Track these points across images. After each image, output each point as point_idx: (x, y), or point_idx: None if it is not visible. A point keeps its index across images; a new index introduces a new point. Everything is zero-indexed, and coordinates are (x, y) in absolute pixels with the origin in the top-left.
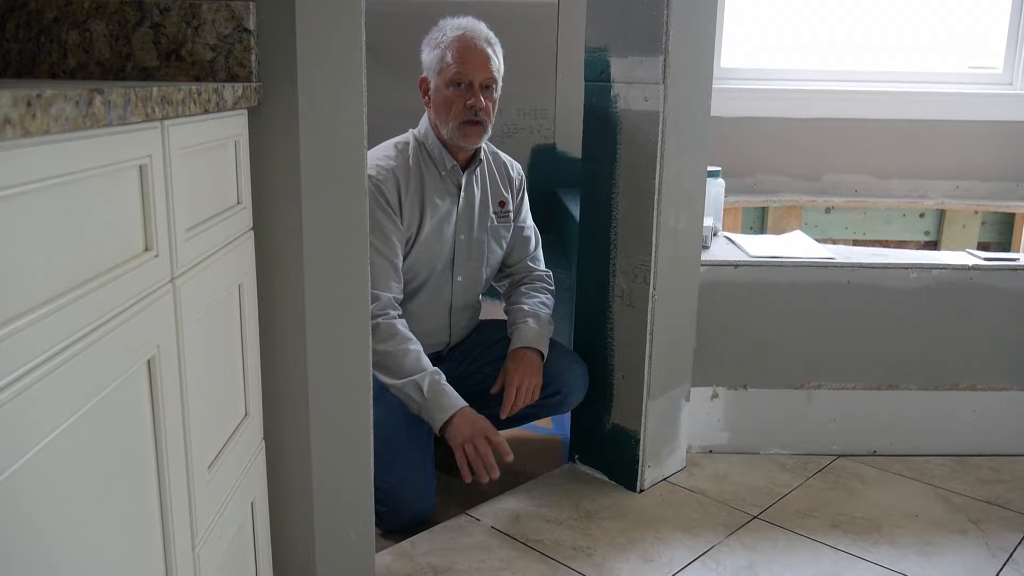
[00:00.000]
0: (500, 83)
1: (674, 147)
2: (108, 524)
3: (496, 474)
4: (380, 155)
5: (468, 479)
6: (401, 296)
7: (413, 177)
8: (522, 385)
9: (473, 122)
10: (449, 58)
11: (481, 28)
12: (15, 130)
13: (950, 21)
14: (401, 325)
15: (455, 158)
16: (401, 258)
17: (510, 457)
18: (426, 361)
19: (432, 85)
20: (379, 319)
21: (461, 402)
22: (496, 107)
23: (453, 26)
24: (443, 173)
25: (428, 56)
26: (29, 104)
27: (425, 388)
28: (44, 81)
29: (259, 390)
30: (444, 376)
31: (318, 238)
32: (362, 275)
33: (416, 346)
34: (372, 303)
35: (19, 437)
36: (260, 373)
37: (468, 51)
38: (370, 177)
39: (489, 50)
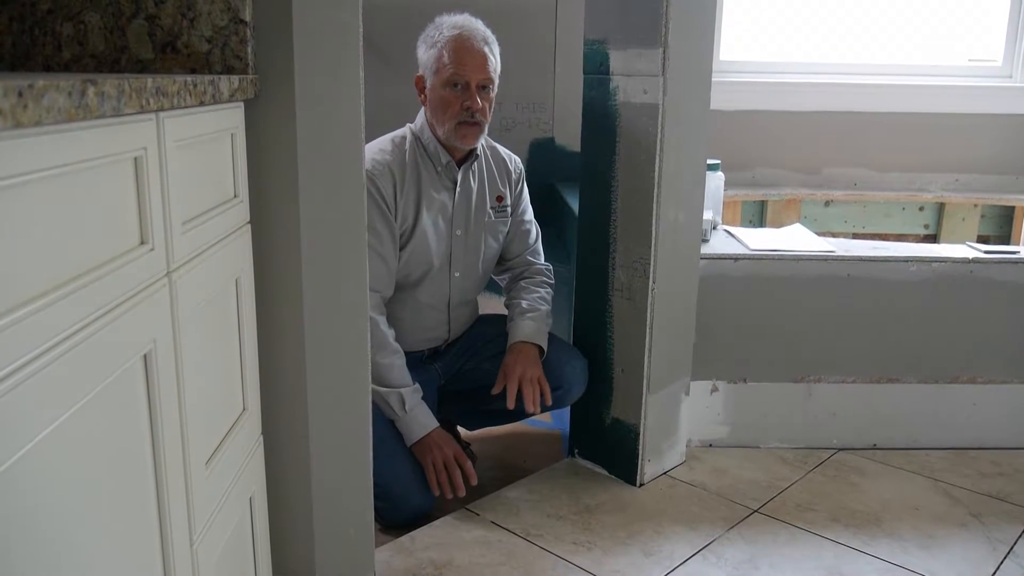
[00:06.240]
0: (497, 82)
1: (673, 140)
2: (105, 519)
3: (462, 493)
4: (376, 149)
5: (437, 492)
6: (391, 293)
7: (409, 172)
8: (524, 375)
9: (469, 123)
10: (446, 58)
11: (478, 27)
12: (6, 121)
13: (950, 14)
14: (390, 335)
15: (451, 154)
16: (395, 255)
17: (474, 481)
18: (408, 375)
19: (428, 84)
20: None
21: (435, 422)
22: (493, 106)
23: (450, 24)
24: (439, 169)
25: (424, 55)
26: (20, 94)
27: (407, 403)
28: (37, 73)
29: (257, 385)
30: (422, 392)
31: (316, 231)
32: (360, 268)
33: (401, 359)
34: None
35: (16, 431)
36: (258, 368)
37: (465, 51)
38: (365, 171)
39: (486, 49)
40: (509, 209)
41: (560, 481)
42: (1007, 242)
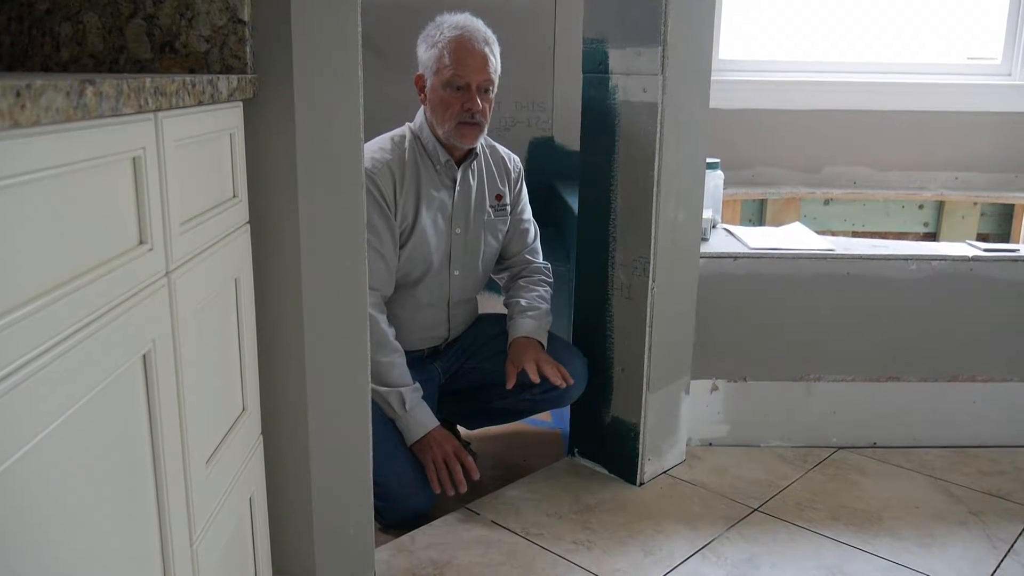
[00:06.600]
0: (497, 83)
1: (673, 139)
2: (105, 519)
3: (463, 489)
4: (376, 148)
5: (438, 490)
6: (391, 292)
7: (409, 170)
8: (538, 358)
9: (469, 123)
10: (447, 59)
11: (479, 27)
12: (4, 121)
13: (949, 12)
14: (390, 333)
15: (450, 153)
16: (395, 253)
17: (476, 475)
18: (408, 374)
19: (428, 84)
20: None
21: (435, 421)
22: (492, 106)
23: (451, 25)
24: (438, 167)
25: (425, 54)
26: (18, 94)
27: (407, 402)
28: (35, 73)
29: (257, 385)
30: (422, 391)
31: (315, 231)
32: (360, 268)
33: (401, 358)
34: None
35: (14, 432)
36: (258, 368)
37: (466, 52)
38: (365, 170)
39: (487, 50)
40: (508, 208)
41: (560, 480)
42: (1007, 240)
